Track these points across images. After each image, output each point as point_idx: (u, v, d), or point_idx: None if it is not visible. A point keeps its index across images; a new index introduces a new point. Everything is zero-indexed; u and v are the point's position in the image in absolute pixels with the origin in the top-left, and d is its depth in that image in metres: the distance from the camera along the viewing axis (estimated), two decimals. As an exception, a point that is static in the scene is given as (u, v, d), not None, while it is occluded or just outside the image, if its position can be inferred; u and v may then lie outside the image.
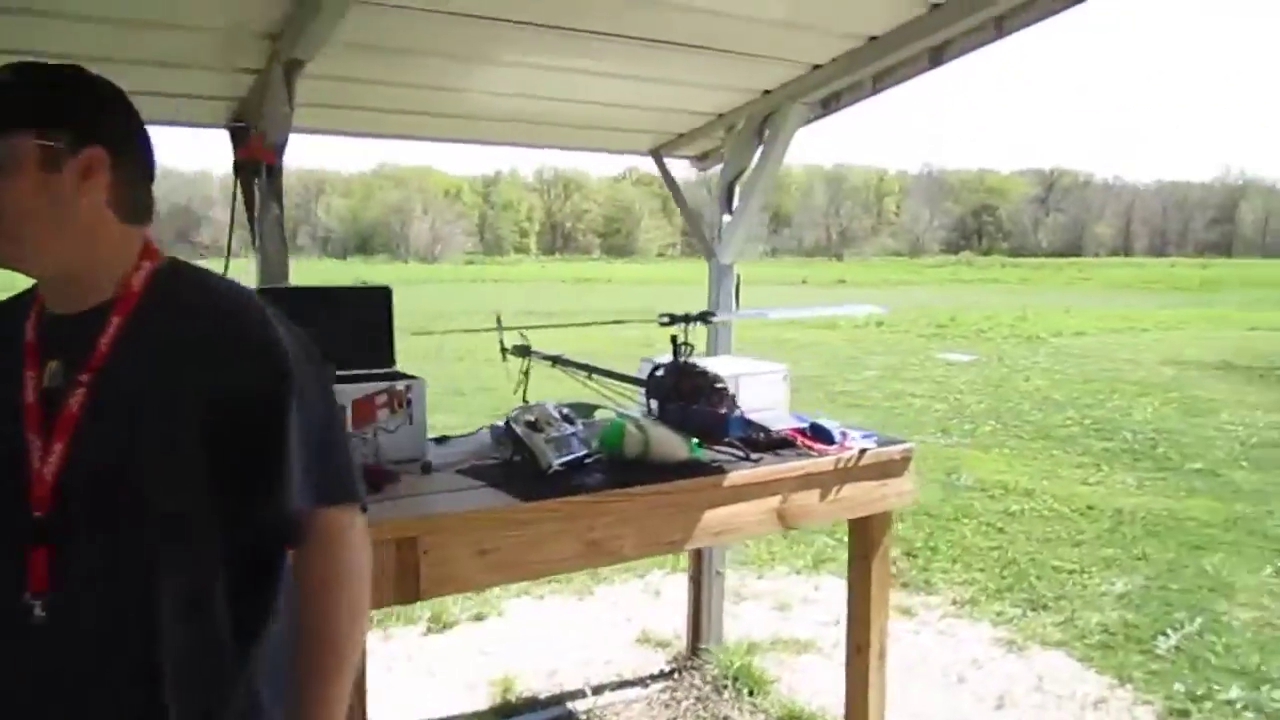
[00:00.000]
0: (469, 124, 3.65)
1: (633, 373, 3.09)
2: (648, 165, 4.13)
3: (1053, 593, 4.80)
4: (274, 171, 2.84)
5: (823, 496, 2.85)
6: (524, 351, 3.53)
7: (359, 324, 2.96)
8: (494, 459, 2.72)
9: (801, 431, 2.93)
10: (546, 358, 3.43)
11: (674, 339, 2.86)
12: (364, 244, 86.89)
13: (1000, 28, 2.90)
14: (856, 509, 2.97)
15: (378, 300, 3.00)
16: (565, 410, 2.68)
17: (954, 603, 4.70)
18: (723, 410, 2.71)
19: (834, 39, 3.09)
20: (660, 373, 2.88)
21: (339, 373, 2.84)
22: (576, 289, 36.63)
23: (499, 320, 3.79)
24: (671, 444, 2.63)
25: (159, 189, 1.46)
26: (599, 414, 2.96)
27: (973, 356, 14.69)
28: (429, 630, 4.35)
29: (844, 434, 2.96)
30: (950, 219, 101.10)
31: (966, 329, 19.17)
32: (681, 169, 4.28)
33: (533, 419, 2.58)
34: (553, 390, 3.06)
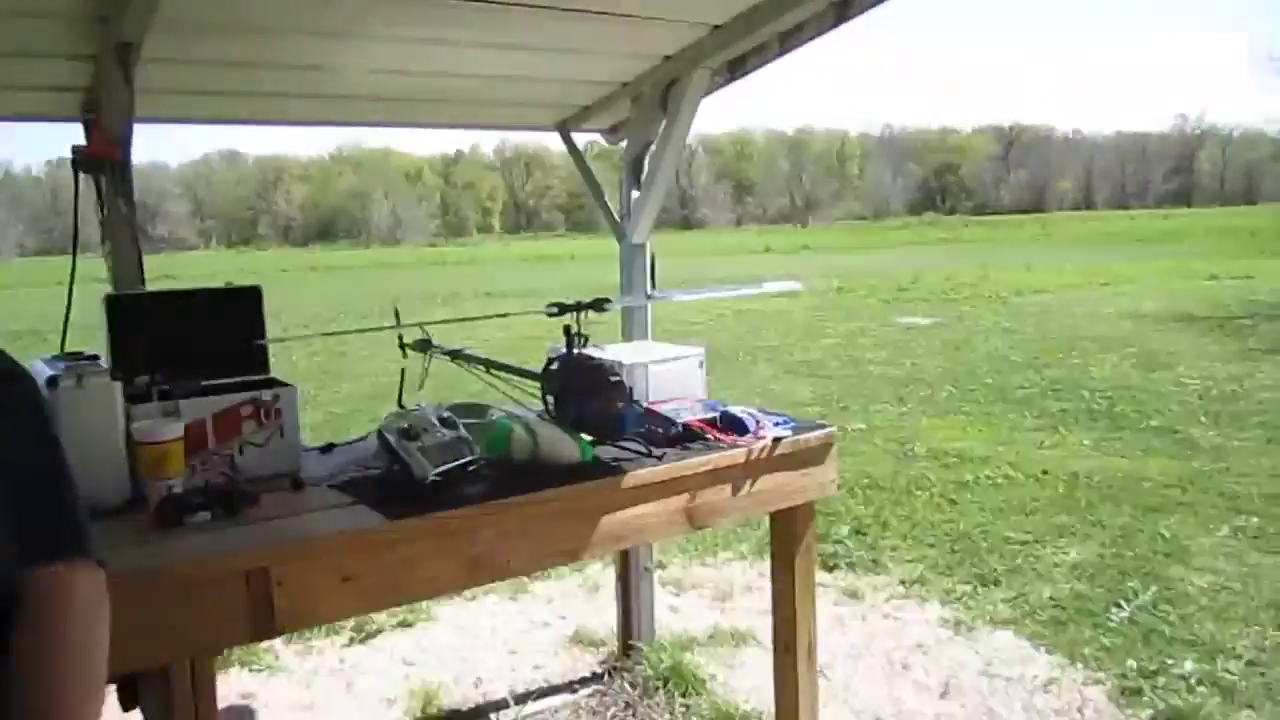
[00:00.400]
0: (343, 104, 3.39)
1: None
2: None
3: (1004, 566, 4.64)
4: (118, 166, 2.59)
5: (735, 491, 2.65)
6: (425, 346, 3.31)
7: (227, 329, 2.73)
8: (377, 469, 2.50)
9: (711, 422, 2.72)
10: (446, 353, 3.20)
11: (566, 330, 2.64)
12: (325, 230, 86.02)
13: (906, -24, 2.67)
14: (774, 502, 2.77)
15: (247, 302, 2.77)
16: (446, 413, 2.45)
17: (902, 582, 4.53)
18: (618, 405, 2.50)
19: (734, -4, 2.86)
20: (554, 367, 2.67)
21: (205, 383, 2.63)
22: (537, 267, 36.26)
23: (396, 315, 3.55)
24: (561, 445, 2.41)
25: None
26: (495, 414, 2.73)
27: (933, 319, 14.57)
28: (352, 640, 4.14)
29: (757, 422, 2.75)
30: (913, 180, 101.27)
31: (928, 291, 19.06)
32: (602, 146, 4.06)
33: (407, 425, 2.36)
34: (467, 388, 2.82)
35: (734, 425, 2.73)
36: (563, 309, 2.61)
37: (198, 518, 2.17)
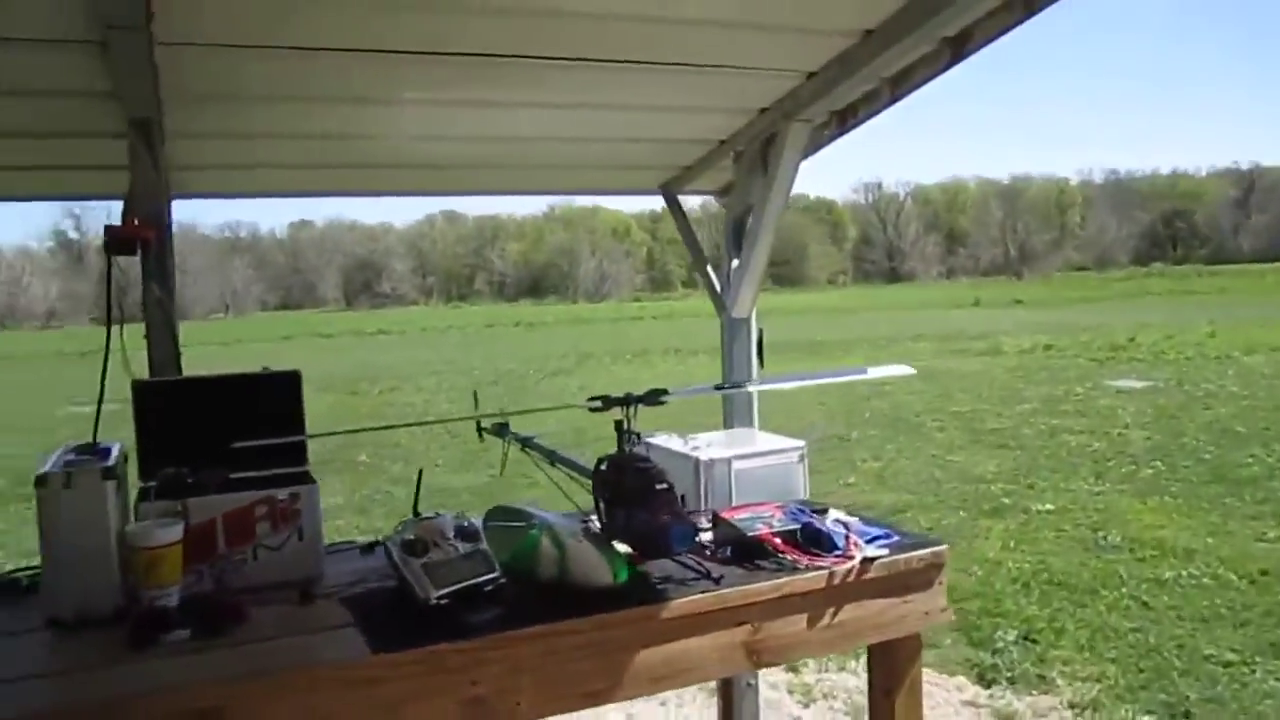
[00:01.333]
0: (432, 173, 3.19)
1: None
2: (812, 190, 3.58)
3: (1200, 693, 3.92)
4: (150, 247, 2.44)
5: (812, 623, 2.21)
6: (502, 431, 3.04)
7: (265, 416, 2.53)
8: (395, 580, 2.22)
9: (788, 536, 2.29)
10: (519, 440, 2.92)
11: (617, 425, 2.29)
12: (535, 286, 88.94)
13: (1030, 4, 2.23)
14: (863, 635, 2.31)
15: (284, 388, 2.56)
16: (469, 522, 2.14)
17: (1072, 706, 3.89)
18: (663, 517, 2.12)
19: (824, 39, 2.49)
20: (604, 467, 2.32)
21: (234, 475, 2.43)
22: (735, 322, 36.00)
23: (475, 398, 3.31)
24: (590, 564, 2.06)
25: (345, 240, 1.02)
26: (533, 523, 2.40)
27: (1147, 382, 13.30)
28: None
29: (847, 537, 2.31)
30: (1140, 227, 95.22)
31: (1146, 350, 17.53)
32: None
33: (412, 537, 2.06)
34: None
35: (816, 540, 2.29)
36: (608, 403, 2.26)
37: (174, 636, 1.94)
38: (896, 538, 2.39)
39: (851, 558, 2.24)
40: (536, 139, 3.06)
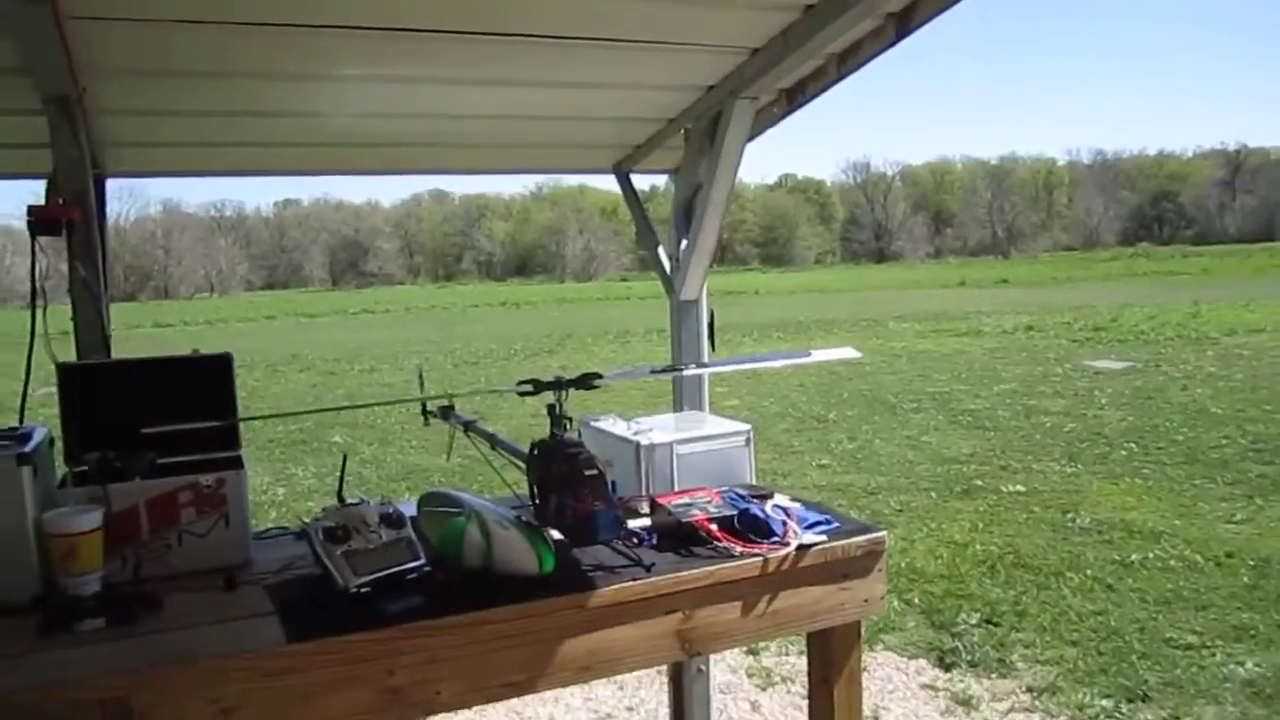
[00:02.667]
0: (387, 152, 3.13)
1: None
2: (801, 170, 3.51)
3: (1160, 676, 3.91)
4: (76, 227, 2.38)
5: (747, 610, 2.18)
6: (447, 414, 2.99)
7: (195, 400, 2.47)
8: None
9: (725, 523, 2.25)
10: (461, 423, 2.88)
11: (550, 409, 2.25)
12: (522, 265, 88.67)
13: (971, -21, 2.17)
14: (801, 623, 2.27)
15: (216, 371, 2.50)
16: (392, 509, 2.10)
17: (1030, 690, 3.88)
18: (593, 503, 2.08)
19: (766, 14, 2.43)
20: (536, 452, 2.28)
21: (162, 460, 2.38)
22: (722, 303, 35.93)
23: (420, 379, 3.27)
24: (515, 551, 2.02)
25: (331, 220, 0.96)
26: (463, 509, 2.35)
27: (1127, 363, 13.31)
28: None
29: (784, 524, 2.27)
30: (1126, 208, 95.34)
31: (1127, 330, 17.56)
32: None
33: (334, 525, 2.02)
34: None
35: (753, 527, 2.26)
36: (539, 387, 2.22)
37: (87, 625, 1.90)
38: (836, 524, 2.35)
39: (787, 544, 2.20)
40: (485, 117, 3.00)
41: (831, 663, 2.35)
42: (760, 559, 2.16)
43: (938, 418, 9.98)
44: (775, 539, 2.23)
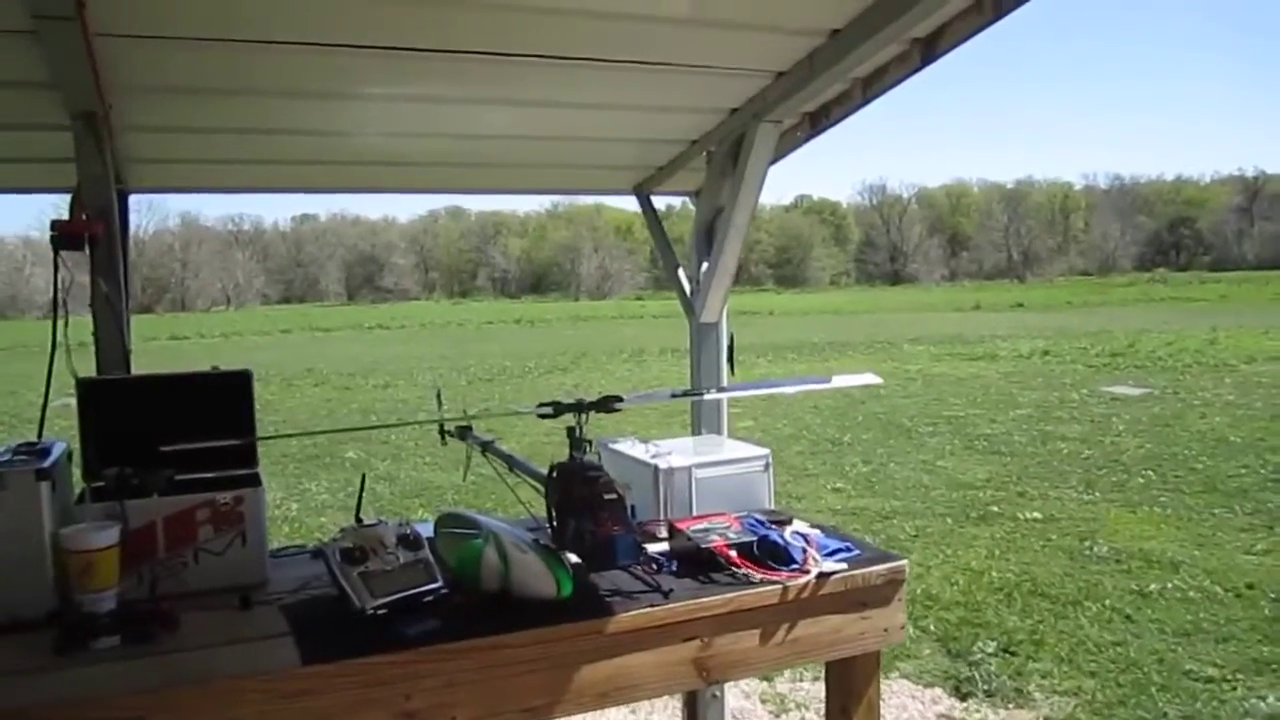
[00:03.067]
0: (400, 171, 3.13)
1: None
2: (817, 191, 3.49)
3: (1179, 710, 3.85)
4: (99, 243, 2.38)
5: (765, 638, 2.15)
6: (465, 434, 2.98)
7: (214, 417, 2.47)
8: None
9: (744, 549, 2.23)
10: (479, 444, 2.87)
11: (570, 431, 2.23)
12: (537, 283, 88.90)
13: (999, 5, 2.17)
14: (820, 652, 2.25)
15: (235, 388, 2.50)
16: (411, 530, 2.09)
17: (1047, 720, 3.82)
18: (612, 528, 2.06)
19: (791, 38, 2.43)
20: (555, 475, 2.26)
21: (180, 477, 2.38)
22: (737, 323, 35.86)
23: (439, 398, 3.26)
24: (533, 575, 2.00)
25: (348, 235, 0.96)
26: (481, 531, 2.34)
27: (1144, 390, 13.22)
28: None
29: (805, 551, 2.25)
30: (1144, 234, 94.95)
31: (1145, 356, 17.45)
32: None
33: (351, 545, 2.00)
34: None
35: (773, 554, 2.24)
36: (559, 409, 2.20)
37: (102, 643, 1.89)
38: (857, 551, 2.33)
39: (807, 572, 2.18)
40: (506, 137, 3.01)
41: (850, 693, 2.33)
42: (780, 587, 2.14)
43: (953, 442, 9.92)
44: (795, 566, 2.21)
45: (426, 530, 2.30)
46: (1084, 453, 9.13)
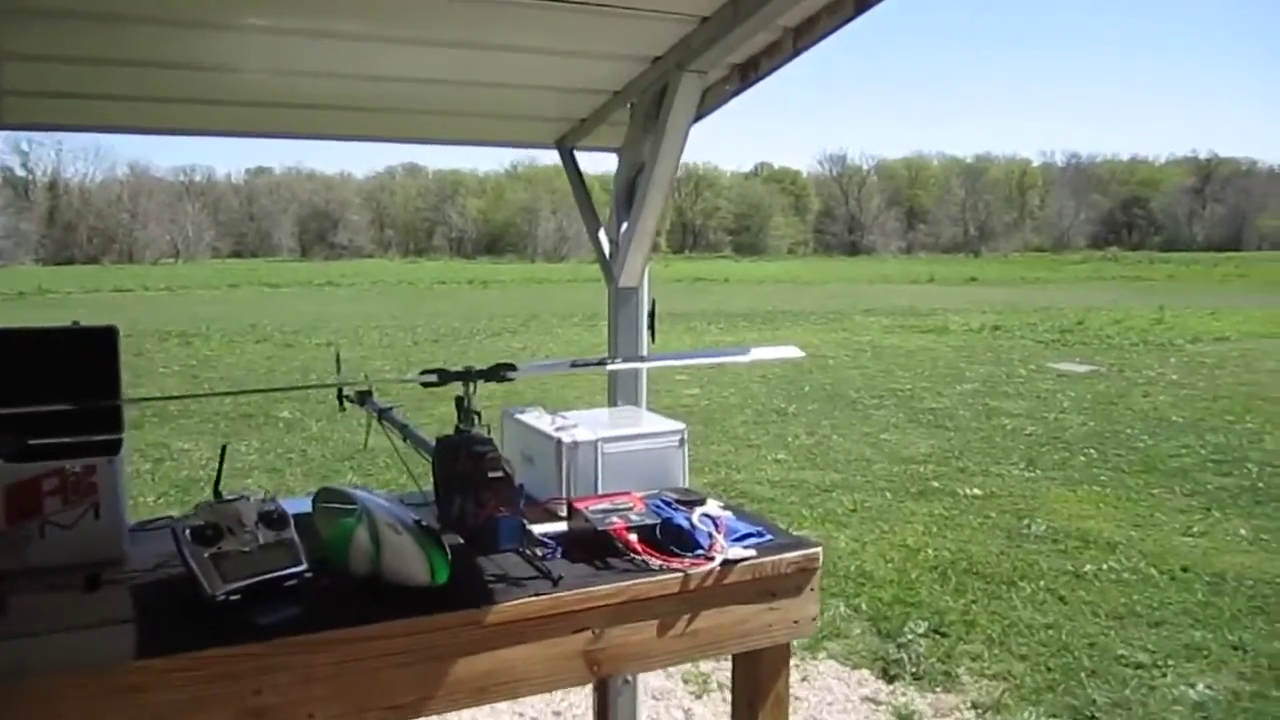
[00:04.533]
0: (292, 113, 2.89)
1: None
2: (778, 159, 3.26)
3: (1108, 696, 3.77)
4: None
5: (663, 630, 1.99)
6: (364, 399, 2.78)
7: (75, 377, 2.25)
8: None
9: (645, 532, 2.06)
10: (376, 411, 2.67)
11: (458, 402, 2.04)
12: (494, 244, 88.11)
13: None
14: (724, 645, 2.09)
15: (98, 346, 2.28)
16: (275, 506, 1.89)
17: (975, 707, 3.73)
18: (496, 508, 1.88)
19: (718, -21, 2.22)
20: (441, 449, 2.08)
21: (33, 442, 2.16)
22: (691, 290, 35.68)
23: (338, 361, 3.06)
24: (406, 560, 1.82)
25: (302, 189, 0.75)
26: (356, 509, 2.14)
27: (1090, 367, 13.26)
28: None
29: (711, 536, 2.08)
30: (1098, 212, 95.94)
31: (1092, 334, 17.54)
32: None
33: (204, 523, 1.81)
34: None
35: (677, 538, 2.07)
36: (444, 378, 2.01)
37: (-83, 629, 1.69)
38: (769, 537, 2.17)
39: (711, 559, 2.02)
40: (415, 80, 2.77)
41: (757, 687, 2.17)
42: (681, 575, 1.98)
43: (898, 415, 9.84)
44: (699, 552, 2.04)
45: (304, 506, 2.11)
46: (1027, 429, 9.10)
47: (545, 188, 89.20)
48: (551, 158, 3.31)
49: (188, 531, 1.79)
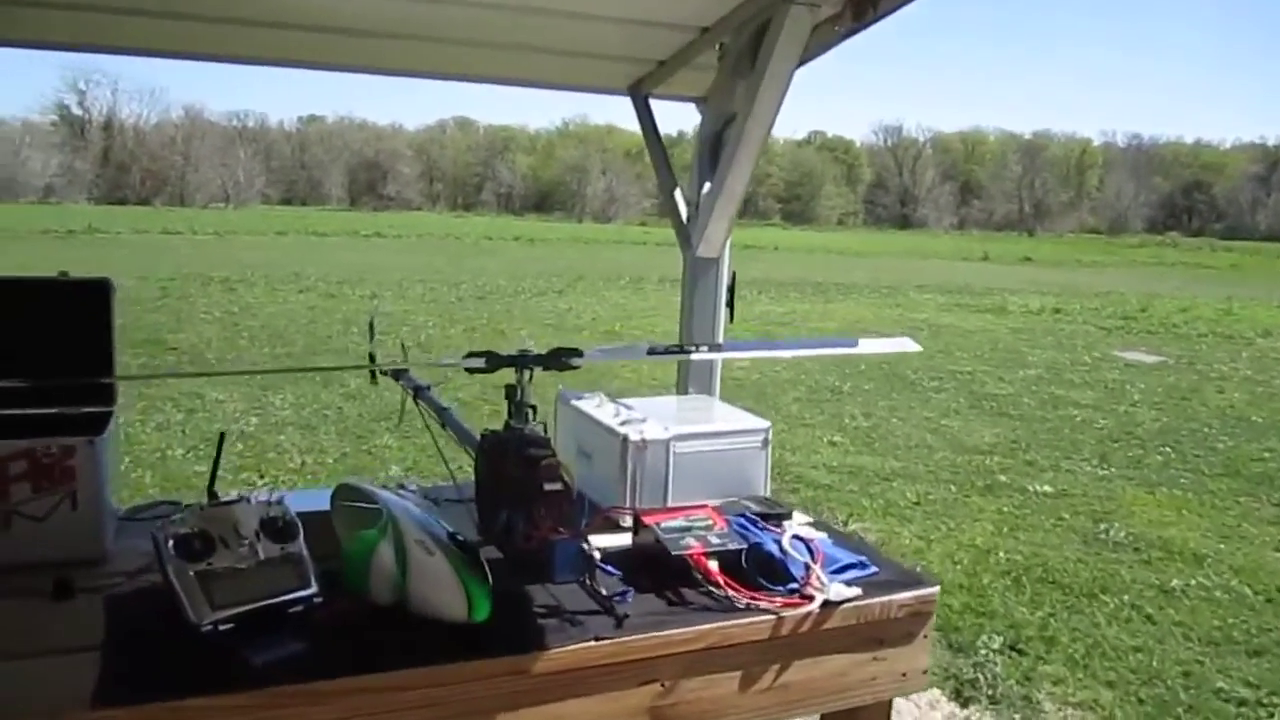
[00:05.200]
0: (324, 41, 2.51)
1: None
2: (831, 128, 2.81)
3: (1210, 737, 3.37)
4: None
5: (748, 683, 1.63)
6: (399, 376, 2.43)
7: (60, 338, 1.92)
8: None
9: (729, 560, 1.70)
10: (411, 389, 2.32)
11: (508, 391, 1.68)
12: (542, 201, 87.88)
13: None
14: (819, 701, 1.72)
15: (91, 302, 1.94)
16: (282, 511, 1.54)
17: (1059, 739, 3.34)
18: (552, 528, 1.52)
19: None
20: (487, 446, 1.71)
21: (8, 411, 1.83)
22: (740, 257, 34.99)
23: (371, 328, 2.70)
24: (439, 589, 1.47)
25: (354, 139, 0.42)
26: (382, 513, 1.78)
27: (1159, 358, 12.67)
28: None
29: (808, 567, 1.71)
30: (1158, 196, 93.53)
31: (1158, 322, 16.85)
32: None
33: (192, 530, 1.46)
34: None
35: (766, 569, 1.71)
36: (494, 362, 1.64)
37: None
38: (873, 570, 1.80)
39: (809, 598, 1.65)
40: (472, 4, 2.38)
41: (851, 749, 1.81)
42: (773, 618, 1.61)
43: (959, 400, 9.38)
44: (793, 587, 1.68)
45: (322, 501, 1.76)
46: (1097, 422, 8.60)
47: (596, 146, 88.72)
48: (605, 114, 2.96)
49: (171, 542, 1.45)
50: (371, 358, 2.53)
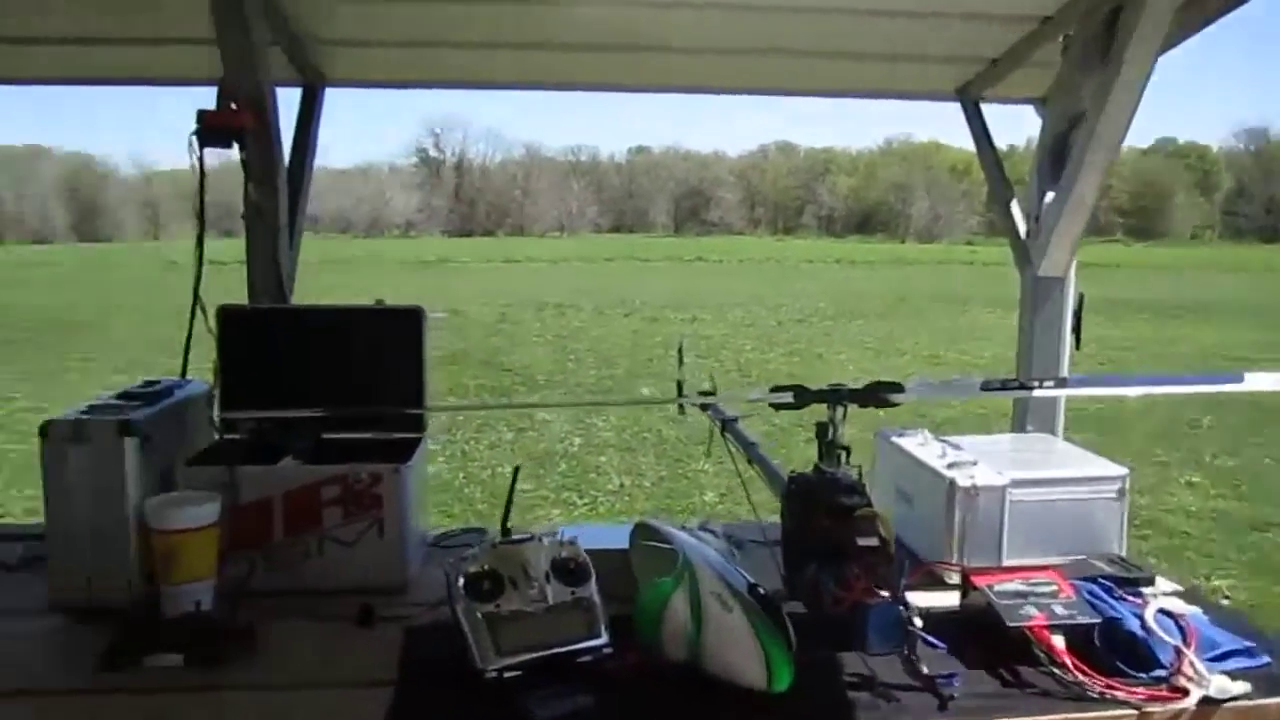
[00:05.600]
0: (630, 60, 2.45)
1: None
2: (1183, 133, 2.52)
3: None
4: (247, 139, 1.90)
5: (1102, 793, 1.35)
6: (708, 405, 2.32)
7: (378, 362, 1.95)
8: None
9: (1079, 636, 1.42)
10: (722, 419, 2.19)
11: (820, 430, 1.51)
12: (864, 223, 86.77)
13: None
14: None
15: (403, 327, 1.96)
16: (573, 553, 1.45)
17: None
18: (861, 593, 1.33)
19: None
20: (793, 488, 1.55)
21: (328, 435, 1.90)
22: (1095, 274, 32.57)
23: (680, 355, 2.60)
24: (735, 649, 1.31)
25: (678, 168, 0.61)
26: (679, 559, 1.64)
27: None
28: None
29: (1179, 651, 1.41)
30: None
31: None
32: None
33: (481, 570, 1.40)
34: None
35: (1127, 650, 1.42)
36: (802, 398, 1.47)
37: (160, 661, 1.43)
38: (1265, 660, 1.46)
39: (1184, 692, 1.35)
40: (787, 9, 2.23)
41: None
42: (1134, 712, 1.33)
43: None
44: (1160, 675, 1.38)
45: (619, 538, 1.66)
46: None
47: (920, 164, 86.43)
48: (929, 132, 2.71)
49: (461, 580, 1.39)
50: (679, 386, 2.44)
